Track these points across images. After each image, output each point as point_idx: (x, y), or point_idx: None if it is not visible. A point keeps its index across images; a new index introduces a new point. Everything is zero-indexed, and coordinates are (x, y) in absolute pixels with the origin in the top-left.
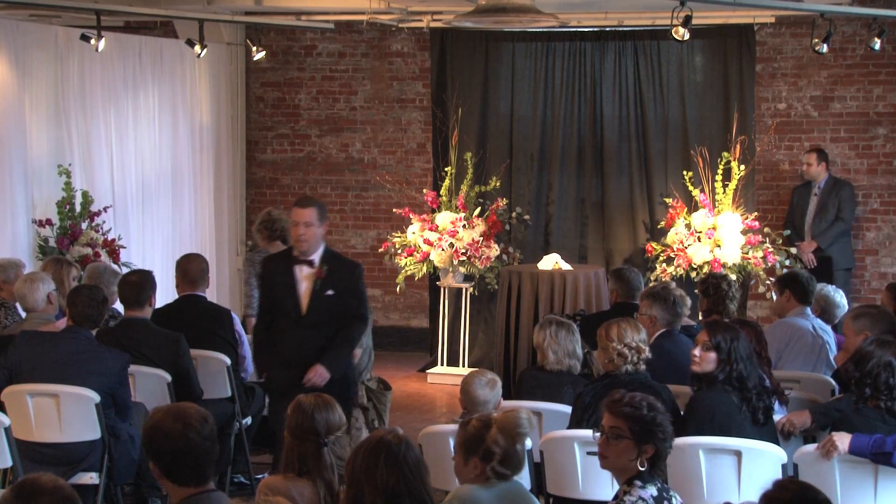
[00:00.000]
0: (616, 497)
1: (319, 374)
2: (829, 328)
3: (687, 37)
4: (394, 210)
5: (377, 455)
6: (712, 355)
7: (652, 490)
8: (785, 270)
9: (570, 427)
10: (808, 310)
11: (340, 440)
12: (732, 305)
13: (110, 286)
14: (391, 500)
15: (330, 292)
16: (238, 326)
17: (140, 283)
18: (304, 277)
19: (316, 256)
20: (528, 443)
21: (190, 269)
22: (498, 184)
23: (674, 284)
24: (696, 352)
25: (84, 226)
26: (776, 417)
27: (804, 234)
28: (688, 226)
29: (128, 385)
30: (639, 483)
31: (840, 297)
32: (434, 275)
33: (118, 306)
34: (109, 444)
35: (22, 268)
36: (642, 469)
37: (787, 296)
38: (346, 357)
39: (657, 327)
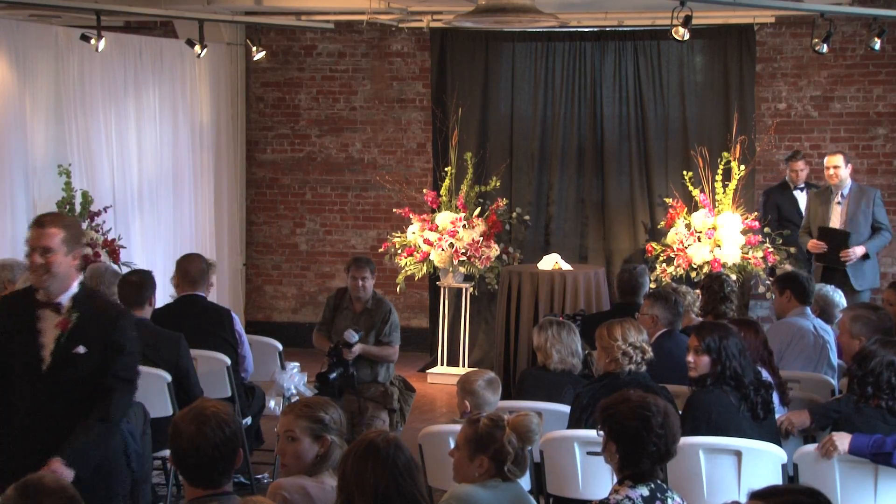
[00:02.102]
0: (607, 496)
1: (55, 472)
2: (829, 328)
3: (687, 37)
4: (394, 210)
5: (366, 459)
6: (705, 358)
7: (643, 490)
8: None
9: (568, 428)
10: (808, 310)
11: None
12: (724, 306)
13: (110, 286)
14: (382, 502)
15: (80, 349)
16: (238, 326)
17: (140, 284)
18: (48, 325)
19: (65, 299)
20: None
21: (190, 269)
22: (498, 184)
23: (685, 287)
24: (690, 358)
25: (84, 226)
26: (777, 415)
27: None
28: (688, 226)
29: None
30: (630, 483)
31: (839, 297)
32: (434, 275)
33: None
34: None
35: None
36: (618, 467)
37: (788, 296)
38: (100, 443)
39: (658, 327)
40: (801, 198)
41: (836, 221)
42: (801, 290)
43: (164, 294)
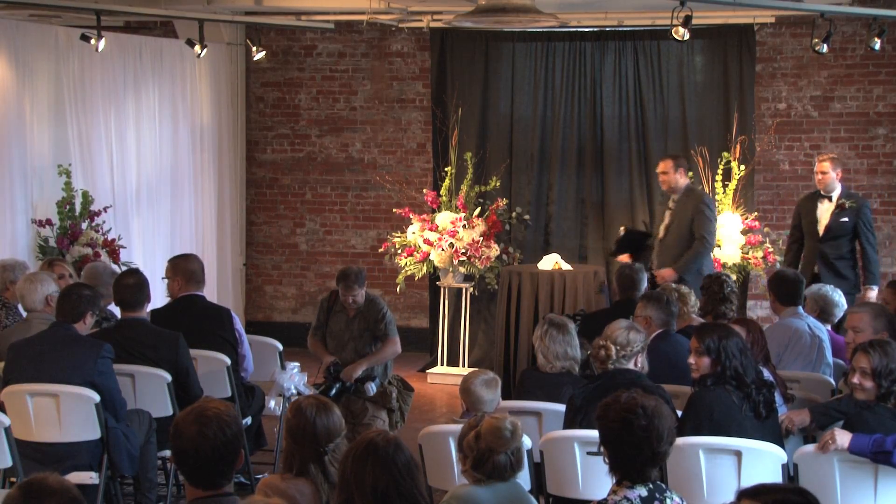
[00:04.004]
0: (606, 497)
1: None
2: (823, 327)
3: (687, 37)
4: (394, 210)
5: (365, 458)
6: (706, 360)
7: (641, 491)
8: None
9: (563, 429)
10: (801, 309)
11: (340, 446)
12: (724, 307)
13: (108, 286)
14: (381, 502)
15: None
16: (238, 325)
17: (138, 285)
18: None
19: None
20: (528, 443)
21: (195, 268)
22: (498, 184)
23: (686, 288)
24: (691, 360)
25: (84, 226)
26: (779, 411)
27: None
28: None
29: (111, 377)
30: (627, 483)
31: (839, 297)
32: (434, 275)
33: (113, 308)
34: (108, 443)
35: (27, 269)
36: (611, 467)
37: (772, 297)
38: None
39: (653, 328)
40: (824, 208)
41: (662, 228)
42: (782, 291)
43: (158, 295)
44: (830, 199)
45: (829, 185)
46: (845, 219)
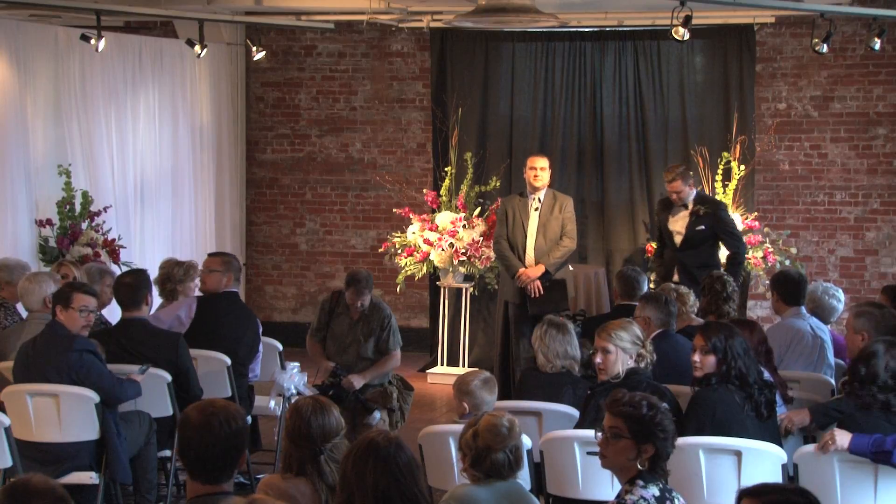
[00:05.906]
0: (618, 496)
1: None
2: (825, 327)
3: (687, 37)
4: (394, 210)
5: (366, 458)
6: (711, 358)
7: (654, 490)
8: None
9: (580, 426)
10: (803, 309)
11: (339, 445)
12: (727, 306)
13: (100, 285)
14: (382, 502)
15: None
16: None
17: (135, 285)
18: None
19: None
20: (528, 442)
21: (240, 267)
22: (498, 184)
23: (685, 288)
24: (696, 357)
25: (84, 226)
26: (778, 411)
27: (522, 256)
28: None
29: (90, 370)
30: (640, 483)
31: (836, 295)
32: (434, 275)
33: (106, 311)
34: (108, 443)
35: (28, 270)
36: (642, 469)
37: (775, 297)
38: None
39: (652, 328)
40: (680, 217)
41: (532, 229)
42: (787, 291)
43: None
44: (685, 206)
45: (684, 198)
46: (702, 227)
